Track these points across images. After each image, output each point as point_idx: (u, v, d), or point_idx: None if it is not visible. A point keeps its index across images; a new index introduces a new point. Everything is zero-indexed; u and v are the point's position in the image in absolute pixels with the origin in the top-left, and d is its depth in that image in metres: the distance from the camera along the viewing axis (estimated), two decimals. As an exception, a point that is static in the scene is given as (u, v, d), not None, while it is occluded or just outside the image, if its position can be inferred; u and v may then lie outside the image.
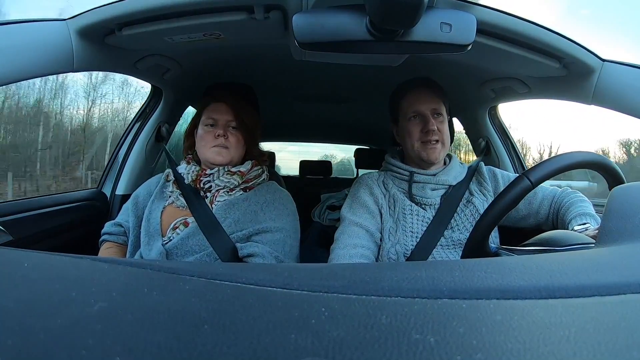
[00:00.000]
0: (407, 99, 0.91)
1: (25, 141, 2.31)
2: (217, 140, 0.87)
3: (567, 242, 0.53)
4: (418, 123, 0.89)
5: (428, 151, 0.87)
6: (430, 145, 0.87)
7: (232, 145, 0.88)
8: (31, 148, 2.33)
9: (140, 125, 1.28)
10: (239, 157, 0.92)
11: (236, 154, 0.90)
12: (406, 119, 0.91)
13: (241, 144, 0.91)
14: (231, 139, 0.88)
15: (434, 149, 0.87)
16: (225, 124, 0.89)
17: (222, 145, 0.87)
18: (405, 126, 0.91)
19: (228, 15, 0.70)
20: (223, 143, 0.87)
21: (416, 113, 0.89)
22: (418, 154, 0.89)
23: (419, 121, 0.89)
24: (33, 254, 0.29)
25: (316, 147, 3.27)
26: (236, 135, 0.89)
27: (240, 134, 0.90)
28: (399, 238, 0.85)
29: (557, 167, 0.61)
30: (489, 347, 0.18)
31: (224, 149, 0.87)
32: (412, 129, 0.89)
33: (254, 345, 0.17)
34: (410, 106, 0.90)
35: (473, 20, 0.53)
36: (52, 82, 2.28)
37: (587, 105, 0.87)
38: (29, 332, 0.17)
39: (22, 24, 0.66)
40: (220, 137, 0.87)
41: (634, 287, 0.24)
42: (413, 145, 0.89)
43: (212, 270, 0.26)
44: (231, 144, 0.88)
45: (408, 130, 0.90)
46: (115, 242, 0.94)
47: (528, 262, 0.29)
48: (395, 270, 0.28)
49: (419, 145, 0.88)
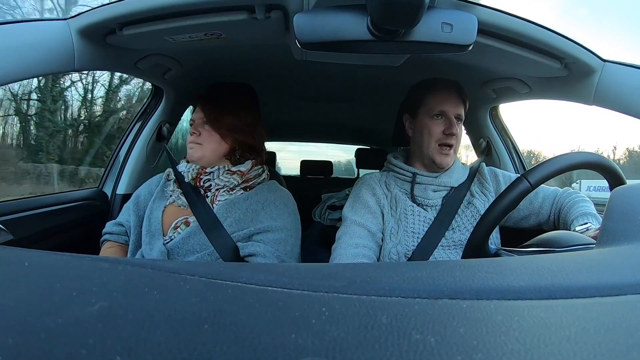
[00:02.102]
0: (434, 95, 0.89)
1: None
2: (191, 137, 0.91)
3: (568, 242, 0.53)
4: (441, 123, 0.87)
5: (442, 156, 0.86)
6: (445, 151, 0.86)
7: (204, 139, 0.90)
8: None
9: (141, 125, 1.28)
10: (212, 153, 0.90)
11: (209, 148, 0.90)
12: (430, 115, 0.88)
13: (216, 139, 0.90)
14: (203, 134, 0.90)
15: (447, 155, 0.87)
16: (200, 122, 0.91)
17: (194, 142, 0.90)
18: (427, 122, 0.88)
19: (229, 15, 0.70)
20: (195, 140, 0.90)
21: (442, 113, 0.87)
22: (431, 156, 0.87)
23: (442, 121, 0.87)
24: (34, 253, 0.29)
25: (315, 147, 3.25)
26: (209, 132, 0.90)
27: (212, 129, 0.90)
28: (400, 238, 0.85)
29: (557, 168, 0.61)
30: (489, 348, 0.17)
31: (196, 144, 0.90)
32: (434, 128, 0.87)
33: (254, 345, 0.17)
34: (437, 104, 0.88)
35: (474, 20, 0.53)
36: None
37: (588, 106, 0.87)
38: (29, 332, 0.17)
39: (24, 23, 0.66)
40: (195, 134, 0.90)
41: (634, 288, 0.24)
42: (429, 145, 0.87)
43: (212, 270, 0.26)
44: (203, 139, 0.90)
45: (429, 127, 0.88)
46: (117, 242, 0.94)
47: (529, 262, 0.29)
48: (395, 271, 0.28)
49: (434, 147, 0.87)
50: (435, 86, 0.90)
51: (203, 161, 0.90)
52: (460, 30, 0.52)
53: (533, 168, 0.62)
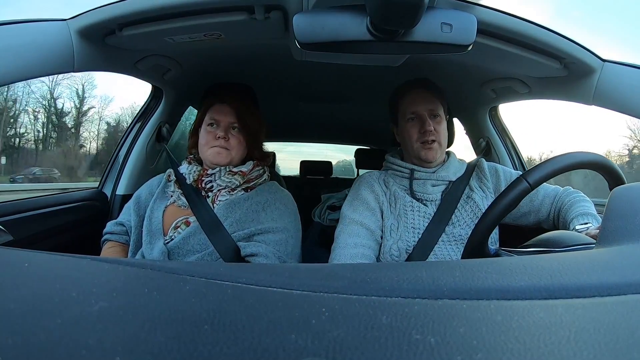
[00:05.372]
0: (405, 100, 0.93)
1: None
2: (217, 141, 0.88)
3: (568, 242, 0.53)
4: (415, 124, 0.90)
5: (426, 151, 0.89)
6: (427, 145, 0.88)
7: (233, 146, 0.89)
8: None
9: (141, 126, 1.28)
10: (239, 159, 0.92)
11: (237, 155, 0.90)
12: (405, 120, 0.92)
13: (242, 146, 0.91)
14: (232, 140, 0.89)
15: (431, 149, 0.89)
16: (227, 125, 0.89)
17: (222, 146, 0.88)
18: (405, 127, 0.92)
19: (228, 15, 0.70)
20: (223, 144, 0.88)
21: (414, 114, 0.91)
22: (417, 154, 0.90)
23: (416, 122, 0.90)
24: (34, 254, 0.29)
25: (311, 147, 3.24)
26: (237, 137, 0.90)
27: (242, 136, 0.90)
28: (400, 234, 0.85)
29: (556, 168, 0.61)
30: (489, 348, 0.18)
31: (224, 149, 0.88)
32: (411, 130, 0.90)
33: (254, 345, 0.17)
34: (407, 107, 0.92)
35: (473, 20, 0.53)
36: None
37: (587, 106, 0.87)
38: (29, 332, 0.17)
39: (23, 24, 0.66)
40: (221, 139, 0.87)
41: (634, 288, 0.24)
42: (413, 146, 0.90)
43: (212, 270, 0.26)
44: (232, 146, 0.89)
45: (407, 130, 0.91)
46: (118, 242, 0.94)
47: (528, 262, 0.29)
48: (395, 271, 0.28)
49: (418, 146, 0.89)
50: (403, 91, 0.94)
51: (228, 165, 0.90)
52: (459, 30, 0.52)
53: (532, 168, 0.62)
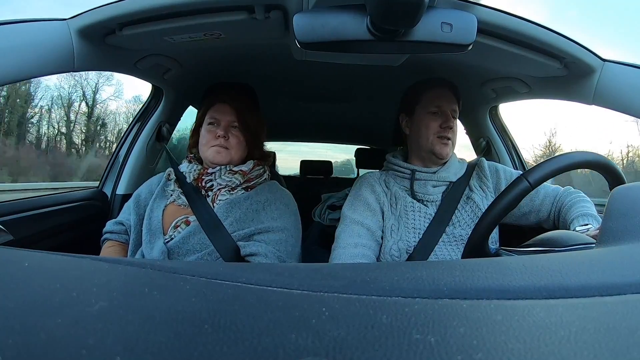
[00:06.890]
0: (430, 93, 0.93)
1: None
2: (217, 140, 0.88)
3: (568, 242, 0.53)
4: (437, 118, 0.90)
5: (442, 146, 0.89)
6: (444, 141, 0.89)
7: (233, 146, 0.89)
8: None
9: (141, 125, 1.28)
10: (239, 158, 0.92)
11: (237, 154, 0.90)
12: (426, 111, 0.92)
13: (242, 145, 0.91)
14: (232, 140, 0.89)
15: (447, 145, 0.89)
16: (227, 124, 0.89)
17: (221, 145, 0.88)
18: (424, 118, 0.92)
19: (228, 15, 0.70)
20: (223, 143, 0.88)
21: (438, 108, 0.91)
22: (431, 147, 0.90)
23: (439, 117, 0.90)
24: (34, 254, 0.29)
25: (310, 147, 3.23)
26: (238, 137, 0.90)
27: (242, 136, 0.90)
28: (401, 235, 0.85)
29: (556, 167, 0.61)
30: (489, 347, 0.17)
31: (224, 149, 0.88)
32: (431, 122, 0.90)
33: (254, 345, 0.17)
34: (433, 100, 0.91)
35: (474, 20, 0.53)
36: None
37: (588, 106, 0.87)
38: (29, 332, 0.17)
39: (23, 23, 0.66)
40: (221, 138, 0.87)
41: (634, 288, 0.24)
42: (428, 138, 0.90)
43: (212, 270, 0.26)
44: (232, 145, 0.89)
45: (426, 122, 0.91)
46: (117, 241, 0.94)
47: (529, 262, 0.29)
48: (395, 270, 0.28)
49: (434, 139, 0.90)
50: (430, 85, 0.94)
51: (228, 165, 0.90)
52: (459, 30, 0.52)
53: (533, 168, 0.62)
